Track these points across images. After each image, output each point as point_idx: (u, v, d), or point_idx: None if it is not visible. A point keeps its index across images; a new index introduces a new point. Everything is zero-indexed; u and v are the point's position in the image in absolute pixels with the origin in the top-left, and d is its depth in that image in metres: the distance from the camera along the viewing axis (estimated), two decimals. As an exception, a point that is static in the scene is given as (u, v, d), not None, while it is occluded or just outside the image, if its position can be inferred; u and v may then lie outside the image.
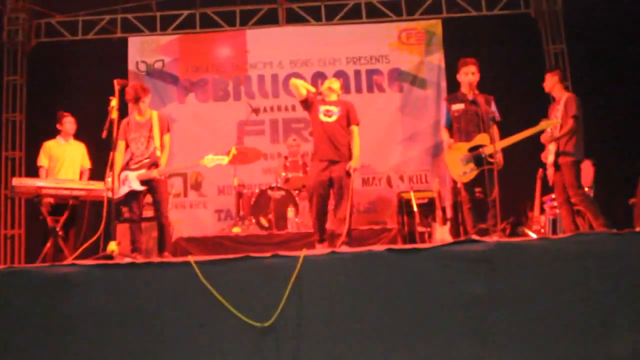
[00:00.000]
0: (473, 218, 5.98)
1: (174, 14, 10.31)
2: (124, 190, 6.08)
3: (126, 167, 6.21)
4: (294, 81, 6.47)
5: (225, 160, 6.18)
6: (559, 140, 6.24)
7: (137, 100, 6.28)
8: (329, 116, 6.32)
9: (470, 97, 6.06)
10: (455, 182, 6.16)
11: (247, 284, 3.94)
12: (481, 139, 5.86)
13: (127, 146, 6.30)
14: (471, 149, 5.90)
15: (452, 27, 10.04)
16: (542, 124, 6.08)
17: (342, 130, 6.30)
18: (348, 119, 6.37)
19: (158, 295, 3.97)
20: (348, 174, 6.18)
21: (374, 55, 10.22)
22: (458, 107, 6.14)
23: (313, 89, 6.57)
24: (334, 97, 6.48)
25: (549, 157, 6.37)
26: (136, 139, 6.24)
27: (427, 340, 3.78)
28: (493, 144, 5.70)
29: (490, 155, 5.69)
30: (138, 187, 6.11)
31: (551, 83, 6.55)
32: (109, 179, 5.56)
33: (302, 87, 6.41)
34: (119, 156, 6.22)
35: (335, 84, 6.55)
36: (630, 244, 3.94)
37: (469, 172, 5.91)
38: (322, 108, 6.37)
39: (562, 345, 3.73)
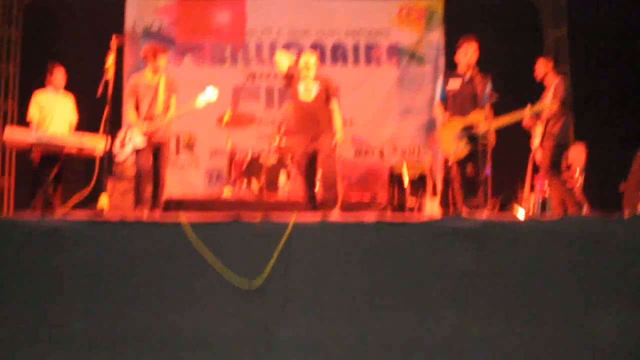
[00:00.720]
0: (464, 194, 6.03)
1: (175, -24, 10.14)
2: (129, 148, 6.13)
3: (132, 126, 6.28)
4: (276, 57, 6.56)
5: (214, 95, 6.38)
6: (547, 123, 6.29)
7: (154, 55, 6.36)
8: (308, 93, 6.35)
9: (467, 75, 6.09)
10: (447, 158, 6.17)
11: (236, 247, 3.97)
12: (475, 117, 5.88)
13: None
14: (465, 127, 5.92)
15: (453, 5, 9.96)
16: (536, 107, 6.13)
17: (321, 107, 6.38)
18: (327, 93, 6.40)
19: (148, 254, 3.98)
20: (333, 147, 6.27)
21: (374, 29, 10.16)
22: (455, 84, 6.16)
23: (292, 57, 6.59)
24: (312, 73, 6.47)
25: (535, 140, 6.44)
26: (144, 100, 6.26)
27: (412, 310, 3.84)
28: (487, 123, 5.73)
29: (484, 134, 5.72)
30: (142, 143, 6.18)
31: (545, 69, 6.56)
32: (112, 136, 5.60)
33: (282, 63, 6.46)
34: (131, 115, 6.34)
35: (312, 59, 6.50)
36: (617, 229, 4.01)
37: (462, 148, 5.94)
38: (301, 85, 6.39)
39: (547, 323, 3.81)
